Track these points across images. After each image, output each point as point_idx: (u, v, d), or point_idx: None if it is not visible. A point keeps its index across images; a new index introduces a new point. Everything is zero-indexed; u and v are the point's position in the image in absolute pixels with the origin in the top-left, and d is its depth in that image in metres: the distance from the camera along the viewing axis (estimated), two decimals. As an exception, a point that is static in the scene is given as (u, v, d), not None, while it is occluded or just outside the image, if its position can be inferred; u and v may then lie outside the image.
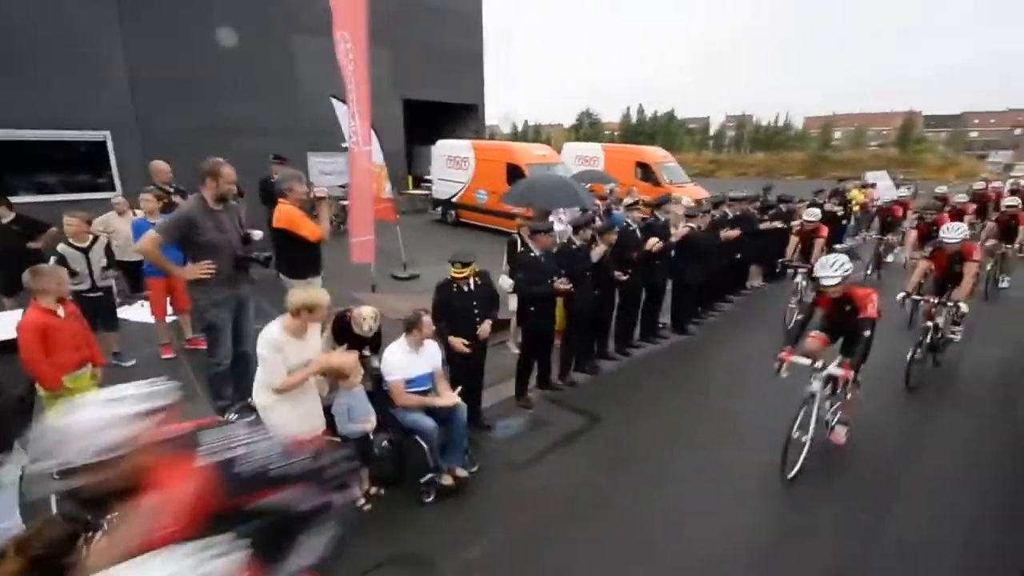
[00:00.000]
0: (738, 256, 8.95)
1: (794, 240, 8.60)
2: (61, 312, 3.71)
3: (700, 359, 7.20)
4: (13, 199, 6.53)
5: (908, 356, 6.01)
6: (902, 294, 6.21)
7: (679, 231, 7.39)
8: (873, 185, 15.48)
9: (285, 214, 4.91)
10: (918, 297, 6.30)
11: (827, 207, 11.43)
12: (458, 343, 4.80)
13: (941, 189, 13.16)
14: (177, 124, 10.64)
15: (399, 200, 12.85)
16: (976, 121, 75.49)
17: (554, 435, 5.30)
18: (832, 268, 4.57)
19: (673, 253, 7.32)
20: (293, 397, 3.70)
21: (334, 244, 6.90)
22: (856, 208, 13.55)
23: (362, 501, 4.21)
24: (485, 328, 4.93)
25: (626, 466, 4.79)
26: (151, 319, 6.06)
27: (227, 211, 4.39)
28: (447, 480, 4.33)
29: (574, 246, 6.07)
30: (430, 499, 4.26)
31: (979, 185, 14.62)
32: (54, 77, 9.87)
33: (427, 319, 4.36)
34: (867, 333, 4.37)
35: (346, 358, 3.89)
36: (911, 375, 6.05)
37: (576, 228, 6.25)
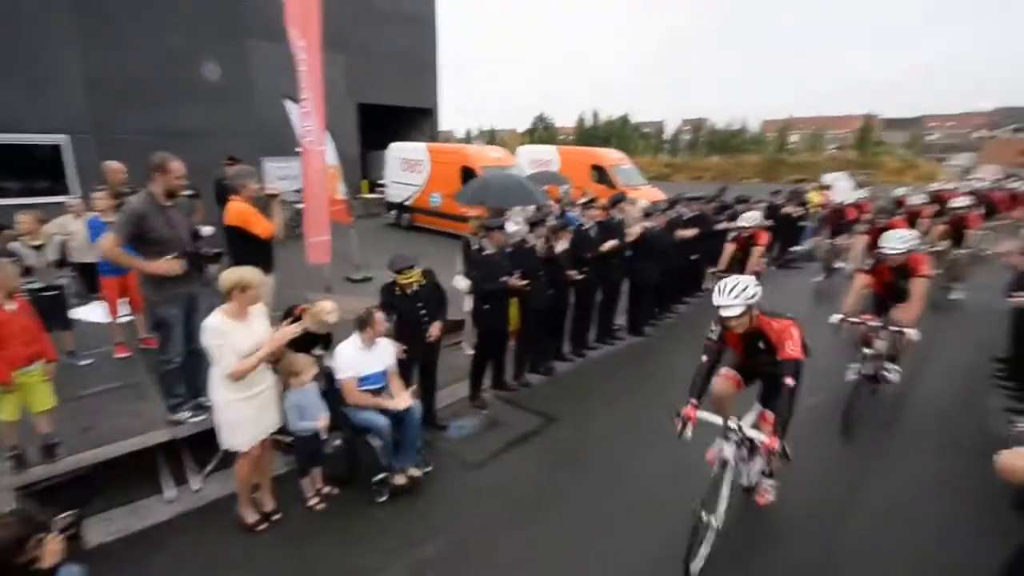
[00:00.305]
0: (693, 257, 8.98)
1: (729, 248, 7.90)
2: (10, 307, 3.61)
3: (656, 360, 7.26)
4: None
5: (844, 404, 5.18)
6: (837, 317, 5.25)
7: (634, 230, 7.50)
8: (829, 187, 15.81)
9: (237, 211, 4.84)
10: (856, 320, 5.26)
11: (784, 210, 11.82)
12: (434, 330, 4.85)
13: (899, 191, 12.79)
14: (132, 127, 10.43)
15: (353, 204, 12.78)
16: (934, 124, 77.45)
17: (509, 435, 5.34)
18: (731, 294, 3.47)
19: (629, 253, 7.45)
20: (249, 393, 3.67)
21: (288, 247, 6.85)
22: (814, 210, 13.62)
23: (315, 500, 4.19)
24: (435, 329, 4.93)
25: (581, 466, 4.84)
26: (105, 319, 5.96)
27: (177, 207, 4.31)
28: (400, 480, 4.34)
29: (527, 245, 6.14)
30: (383, 498, 4.27)
31: (936, 186, 14.55)
32: (8, 81, 9.61)
33: (379, 316, 4.36)
34: (789, 381, 3.27)
35: (293, 329, 3.84)
36: (849, 419, 5.15)
37: (531, 226, 6.32)
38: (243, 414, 3.68)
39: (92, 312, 6.51)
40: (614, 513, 4.20)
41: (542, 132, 63.51)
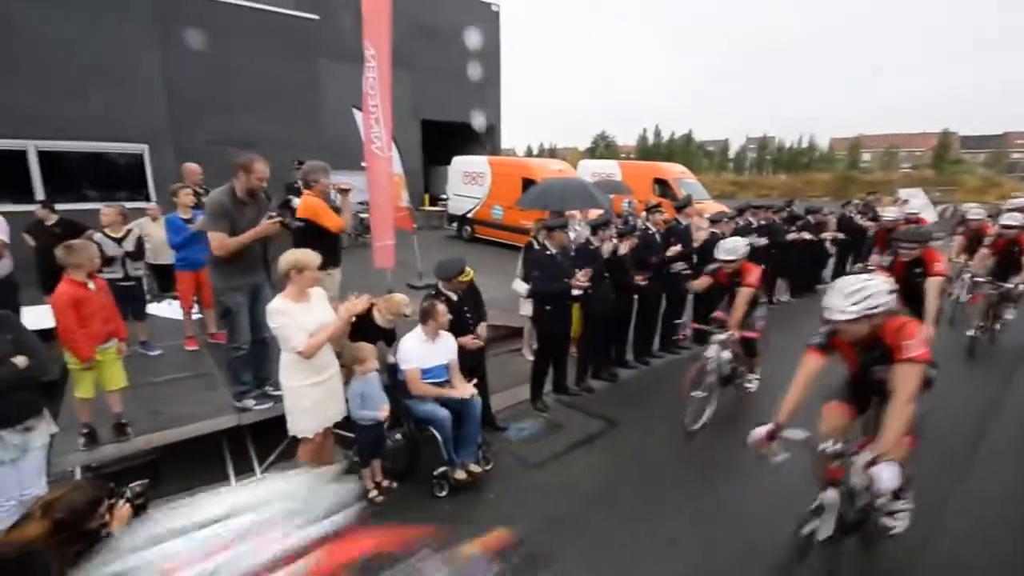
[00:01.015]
0: (763, 268, 8.64)
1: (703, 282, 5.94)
2: (91, 285, 3.78)
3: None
4: (56, 206, 7.01)
5: None
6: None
7: (700, 235, 7.25)
8: (906, 201, 15.03)
9: (308, 204, 4.94)
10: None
11: (856, 220, 11.18)
12: (468, 340, 4.73)
13: (967, 207, 11.42)
14: (207, 136, 11.07)
15: (416, 215, 13.00)
16: (1021, 142, 73.23)
17: (571, 437, 5.17)
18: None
19: (695, 259, 7.18)
20: (318, 379, 3.70)
21: (352, 253, 6.95)
22: None
23: (374, 493, 4.13)
24: (482, 330, 4.89)
25: (644, 470, 4.63)
26: (177, 315, 6.25)
27: (255, 205, 4.42)
28: (461, 475, 4.22)
29: (592, 247, 6.00)
30: (443, 493, 4.17)
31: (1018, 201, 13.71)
32: (98, 92, 10.46)
33: (441, 307, 4.31)
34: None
35: (362, 301, 3.89)
36: None
37: (595, 229, 6.18)
38: (311, 399, 3.69)
39: (165, 309, 6.80)
40: (676, 516, 3.98)
41: (603, 150, 63.45)
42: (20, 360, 3.09)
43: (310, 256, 3.67)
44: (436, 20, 19.69)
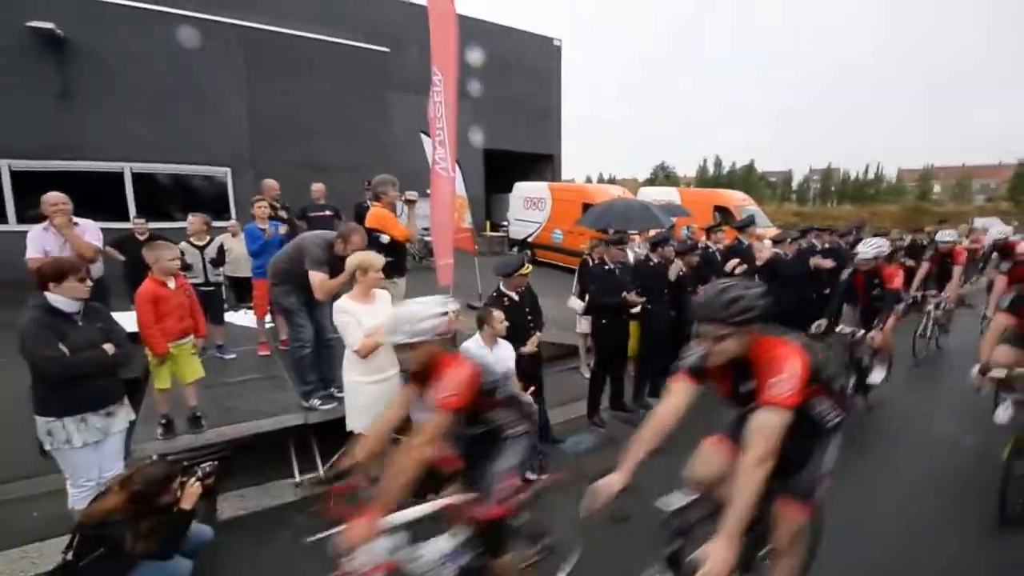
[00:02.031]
0: (827, 291, 8.36)
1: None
2: (171, 284, 4.05)
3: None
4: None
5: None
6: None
7: (764, 254, 7.11)
8: (985, 231, 14.32)
9: (376, 214, 5.17)
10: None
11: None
12: (529, 347, 4.80)
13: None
14: (285, 160, 11.78)
15: (478, 241, 13.31)
16: None
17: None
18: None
19: (756, 278, 7.04)
20: (377, 377, 3.84)
21: (416, 276, 7.16)
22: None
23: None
24: (531, 346, 4.90)
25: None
26: (251, 324, 6.62)
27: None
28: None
29: (651, 263, 5.98)
30: (498, 500, 4.17)
31: None
32: (188, 119, 11.43)
33: (498, 314, 4.38)
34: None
35: None
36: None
37: (654, 245, 6.16)
38: (367, 397, 3.82)
39: (241, 317, 7.21)
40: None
41: (663, 180, 63.02)
42: (108, 347, 3.33)
43: (373, 257, 3.86)
44: (500, 54, 20.31)
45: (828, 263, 7.92)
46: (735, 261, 6.60)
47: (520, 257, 4.94)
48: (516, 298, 4.86)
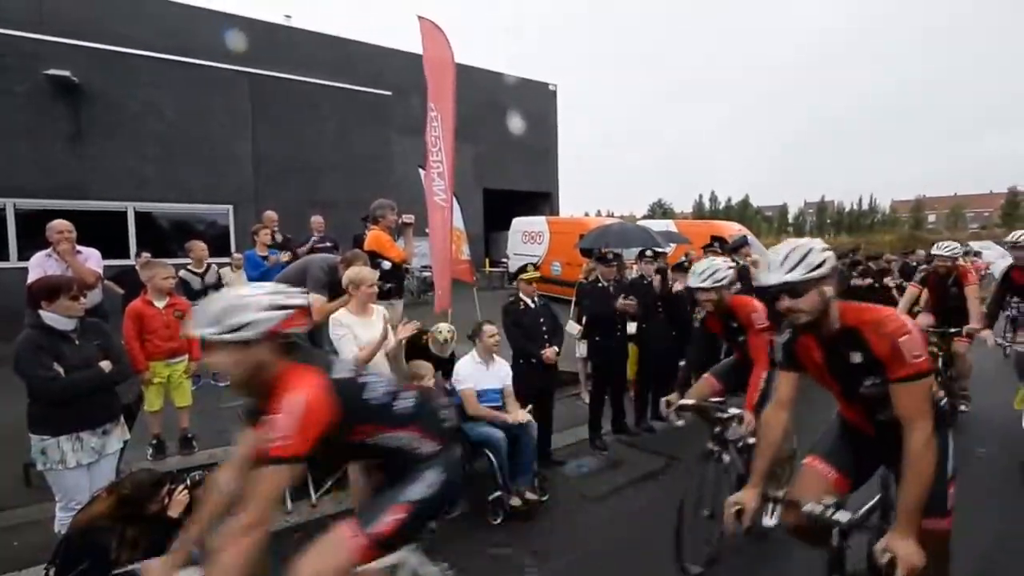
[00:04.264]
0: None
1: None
2: (160, 304, 4.04)
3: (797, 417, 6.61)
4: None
5: None
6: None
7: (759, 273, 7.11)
8: (979, 253, 14.41)
9: (375, 237, 5.22)
10: None
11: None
12: (550, 352, 4.84)
13: None
14: (287, 197, 12.01)
15: (478, 276, 13.39)
16: None
17: (632, 473, 5.01)
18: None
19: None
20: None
21: (415, 311, 7.16)
22: None
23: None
24: (551, 352, 4.92)
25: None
26: None
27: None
28: (516, 501, 4.13)
29: (645, 280, 5.99)
30: (498, 520, 4.08)
31: None
32: (192, 160, 11.78)
33: (489, 328, 4.41)
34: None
35: (411, 327, 4.19)
36: None
37: (643, 257, 6.18)
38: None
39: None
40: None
41: (660, 216, 63.64)
42: (106, 364, 3.31)
43: (366, 272, 3.91)
44: (498, 98, 20.89)
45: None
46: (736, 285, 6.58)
47: (529, 262, 5.16)
48: (531, 304, 4.96)
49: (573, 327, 6.42)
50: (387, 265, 5.31)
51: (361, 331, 3.74)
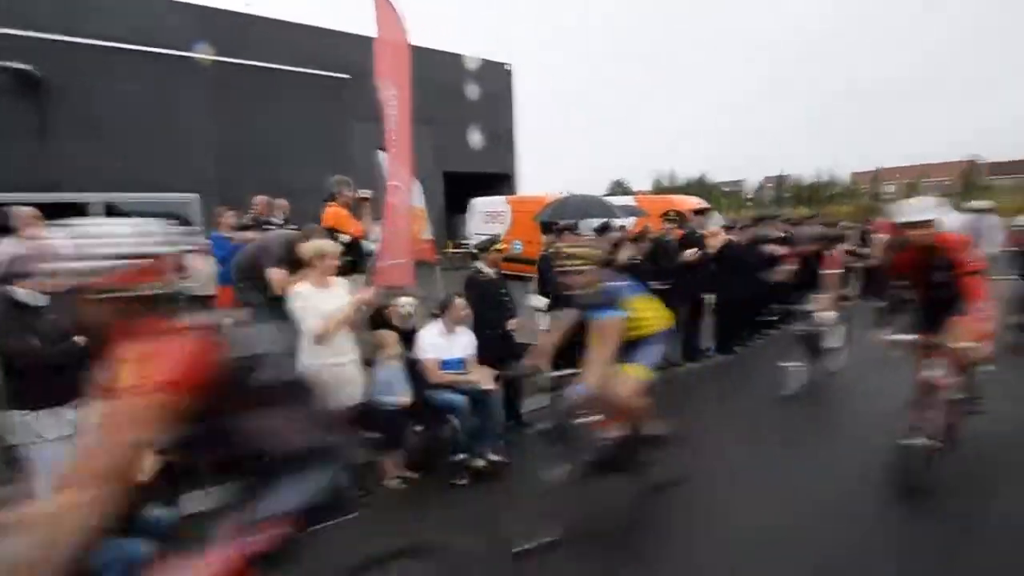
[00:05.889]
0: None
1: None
2: None
3: (745, 379, 6.92)
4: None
5: None
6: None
7: (715, 241, 7.36)
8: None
9: (332, 213, 5.27)
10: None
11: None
12: (515, 322, 5.05)
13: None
14: (249, 186, 11.82)
15: (441, 258, 13.42)
16: None
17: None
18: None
19: (713, 267, 7.27)
20: (333, 361, 3.82)
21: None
22: None
23: (395, 482, 4.21)
24: (515, 323, 5.07)
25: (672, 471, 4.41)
26: None
27: None
28: (480, 463, 4.28)
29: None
30: (464, 482, 4.21)
31: None
32: (157, 150, 11.55)
33: (459, 301, 4.49)
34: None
35: (371, 291, 4.32)
36: None
37: (599, 232, 6.33)
38: (323, 380, 3.84)
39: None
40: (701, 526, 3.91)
41: (620, 194, 63.99)
42: (80, 339, 3.29)
43: (330, 245, 3.95)
44: (455, 80, 20.81)
45: (783, 250, 8.14)
46: (691, 251, 6.81)
47: (495, 236, 5.16)
48: (493, 275, 5.04)
49: (537, 300, 6.52)
50: (346, 238, 5.37)
51: (322, 302, 3.79)
